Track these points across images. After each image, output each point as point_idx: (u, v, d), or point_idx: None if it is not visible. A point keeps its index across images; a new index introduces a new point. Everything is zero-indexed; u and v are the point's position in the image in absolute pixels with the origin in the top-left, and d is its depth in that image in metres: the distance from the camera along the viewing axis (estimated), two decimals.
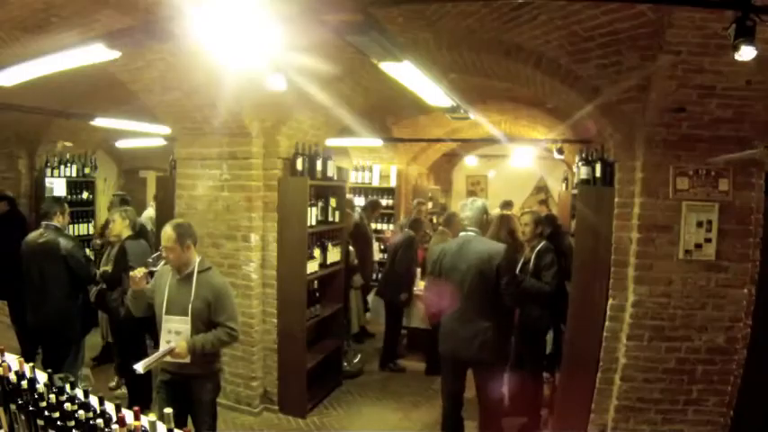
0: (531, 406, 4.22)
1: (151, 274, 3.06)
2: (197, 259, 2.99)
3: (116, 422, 1.65)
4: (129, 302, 3.10)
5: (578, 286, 3.67)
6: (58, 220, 4.15)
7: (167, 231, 2.89)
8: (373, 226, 7.24)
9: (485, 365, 3.42)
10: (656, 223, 3.27)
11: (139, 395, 4.07)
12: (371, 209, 6.77)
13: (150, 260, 3.02)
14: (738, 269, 3.21)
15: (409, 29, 3.41)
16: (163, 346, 2.87)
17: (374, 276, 6.60)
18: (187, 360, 2.84)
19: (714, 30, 2.36)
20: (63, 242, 4.02)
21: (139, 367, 2.68)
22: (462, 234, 3.59)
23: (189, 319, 2.86)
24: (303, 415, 4.39)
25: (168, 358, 2.85)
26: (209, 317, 2.90)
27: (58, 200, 4.43)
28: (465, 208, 3.62)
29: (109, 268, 4.13)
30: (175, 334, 2.88)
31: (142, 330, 4.22)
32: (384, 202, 8.17)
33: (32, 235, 4.14)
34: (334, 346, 4.99)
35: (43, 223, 4.12)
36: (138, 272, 2.93)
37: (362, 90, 4.33)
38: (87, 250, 5.89)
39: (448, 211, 6.80)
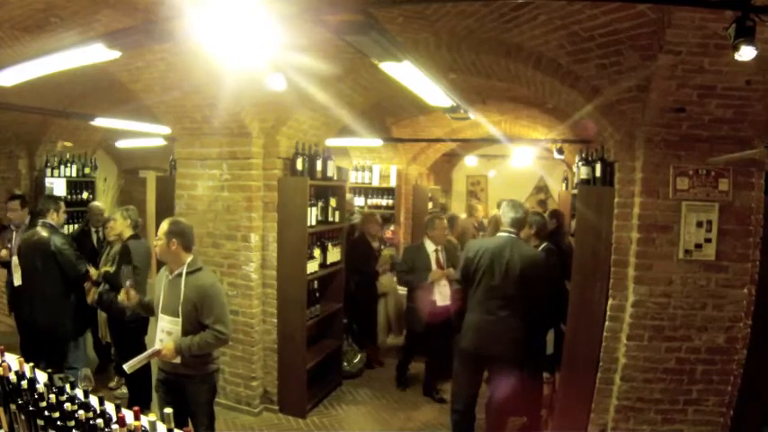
0: (531, 406, 4.22)
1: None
2: (187, 261, 2.99)
3: (116, 422, 1.65)
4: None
5: (578, 286, 3.67)
6: (52, 218, 4.17)
7: (163, 224, 3.01)
8: None
9: (507, 363, 3.53)
10: (656, 223, 3.28)
11: (139, 395, 4.07)
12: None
13: (123, 273, 3.15)
14: (738, 269, 3.21)
15: (409, 29, 3.41)
16: (157, 345, 2.90)
17: None
18: (177, 361, 2.86)
19: (714, 30, 2.36)
20: (54, 239, 4.04)
21: (126, 367, 2.73)
22: (503, 234, 3.63)
23: (179, 320, 2.88)
24: (303, 415, 4.39)
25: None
26: (198, 318, 2.90)
27: (53, 198, 4.45)
28: (518, 209, 3.63)
29: (110, 268, 4.13)
30: (167, 334, 2.90)
31: (141, 331, 4.23)
32: (384, 202, 8.17)
33: (28, 232, 4.16)
34: (334, 346, 4.99)
35: (39, 221, 4.14)
36: (122, 295, 3.09)
37: (362, 90, 4.33)
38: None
39: (449, 214, 6.70)
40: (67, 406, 1.77)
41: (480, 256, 3.57)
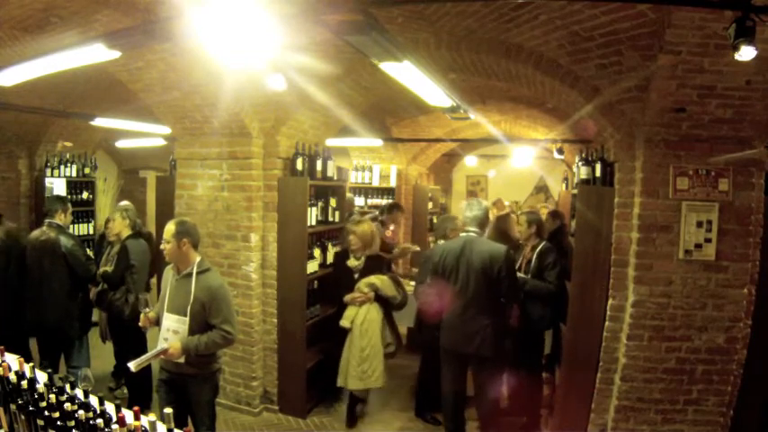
0: (531, 406, 4.22)
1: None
2: (196, 260, 2.99)
3: (116, 422, 1.65)
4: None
5: (578, 286, 3.67)
6: (59, 218, 4.16)
7: (169, 226, 2.98)
8: None
9: (484, 361, 3.54)
10: (656, 223, 3.28)
11: (139, 395, 4.07)
12: (393, 212, 6.04)
13: (140, 301, 3.17)
14: (738, 269, 3.21)
15: (409, 29, 3.41)
16: (161, 344, 2.89)
17: None
18: (181, 360, 2.86)
19: (714, 30, 2.36)
20: (64, 240, 4.03)
21: (132, 366, 2.72)
22: (463, 235, 3.69)
23: (187, 319, 2.88)
24: (303, 415, 4.39)
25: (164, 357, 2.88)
26: (204, 318, 2.90)
27: (60, 198, 4.44)
28: (473, 207, 3.70)
29: (109, 268, 4.13)
30: (173, 333, 2.90)
31: (142, 330, 4.23)
32: (384, 202, 8.17)
33: (35, 233, 4.16)
34: (335, 346, 4.98)
35: (46, 221, 4.13)
36: (142, 320, 3.07)
37: (362, 90, 4.33)
38: (88, 250, 5.89)
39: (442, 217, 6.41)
40: (67, 406, 1.77)
41: (444, 258, 3.63)
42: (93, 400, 1.82)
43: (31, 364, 2.00)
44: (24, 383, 1.90)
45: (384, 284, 4.07)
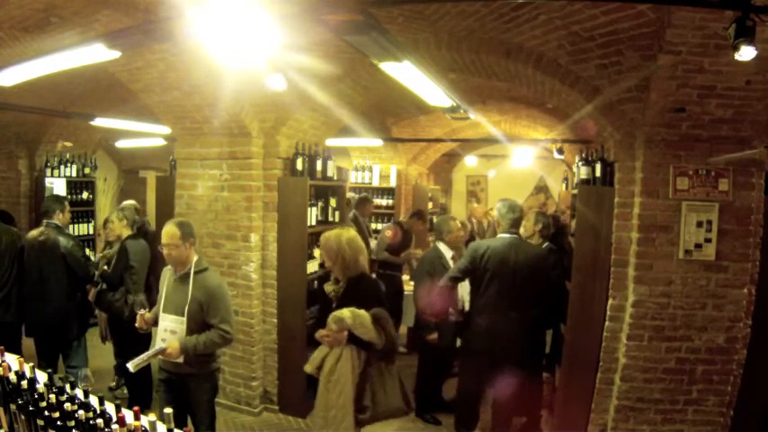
0: (531, 406, 4.22)
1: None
2: (194, 259, 2.99)
3: (116, 422, 1.64)
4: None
5: (578, 286, 3.67)
6: (58, 219, 4.15)
7: (171, 229, 2.89)
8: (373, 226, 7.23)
9: (519, 362, 3.55)
10: (656, 223, 3.28)
11: (139, 395, 4.07)
12: (362, 205, 6.41)
13: (136, 302, 3.18)
14: (738, 269, 3.21)
15: (409, 29, 3.41)
16: (159, 344, 2.89)
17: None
18: (180, 360, 2.85)
19: (714, 30, 2.36)
20: (62, 240, 4.02)
21: (130, 366, 2.72)
22: (506, 236, 3.68)
23: (184, 319, 2.87)
24: (303, 415, 4.39)
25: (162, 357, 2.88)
26: (203, 318, 2.89)
27: (58, 198, 4.42)
28: (515, 209, 3.71)
29: (108, 268, 4.13)
30: (171, 333, 2.89)
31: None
32: (384, 202, 8.17)
33: (32, 233, 4.14)
34: None
35: (44, 221, 4.12)
36: (139, 322, 3.02)
37: (362, 90, 4.33)
38: (88, 250, 5.89)
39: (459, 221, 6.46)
40: (67, 406, 1.77)
41: (488, 257, 3.58)
42: (93, 400, 1.82)
43: (31, 364, 2.00)
44: (24, 383, 1.90)
45: (356, 321, 2.68)
